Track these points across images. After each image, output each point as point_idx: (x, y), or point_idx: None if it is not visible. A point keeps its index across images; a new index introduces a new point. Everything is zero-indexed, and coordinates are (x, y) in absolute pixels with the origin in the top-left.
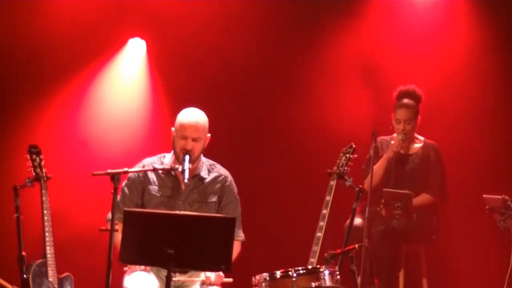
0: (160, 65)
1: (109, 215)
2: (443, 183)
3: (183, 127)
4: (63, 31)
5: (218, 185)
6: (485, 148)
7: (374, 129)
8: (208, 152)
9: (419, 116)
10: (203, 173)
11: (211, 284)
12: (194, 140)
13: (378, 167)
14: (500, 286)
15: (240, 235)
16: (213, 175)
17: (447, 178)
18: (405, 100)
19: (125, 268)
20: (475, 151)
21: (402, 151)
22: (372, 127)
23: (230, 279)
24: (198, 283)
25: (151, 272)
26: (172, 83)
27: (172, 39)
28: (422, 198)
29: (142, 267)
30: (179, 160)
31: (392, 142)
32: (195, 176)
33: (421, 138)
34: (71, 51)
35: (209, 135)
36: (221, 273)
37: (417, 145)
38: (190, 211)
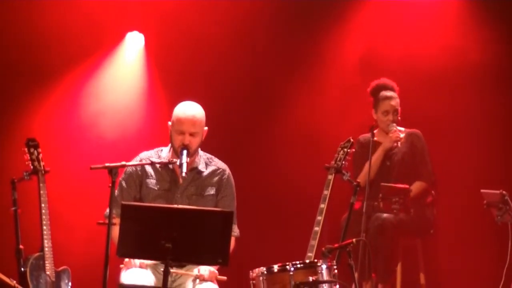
0: (158, 58)
1: (107, 211)
2: (431, 168)
3: (180, 121)
4: (61, 25)
5: (216, 178)
6: (483, 143)
7: (372, 124)
8: (206, 146)
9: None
10: (201, 167)
11: (205, 280)
12: (191, 135)
13: (375, 159)
14: (498, 280)
15: (234, 230)
16: (211, 168)
17: (432, 162)
18: (389, 92)
19: (121, 266)
20: (473, 145)
21: (399, 143)
22: (369, 122)
23: (224, 278)
24: (191, 278)
25: (147, 268)
26: (170, 77)
27: (170, 32)
28: (416, 187)
29: (138, 263)
30: (177, 154)
31: (393, 131)
32: (193, 169)
33: (402, 129)
34: (70, 45)
35: (206, 128)
36: (215, 270)
37: (401, 135)
38: (188, 203)
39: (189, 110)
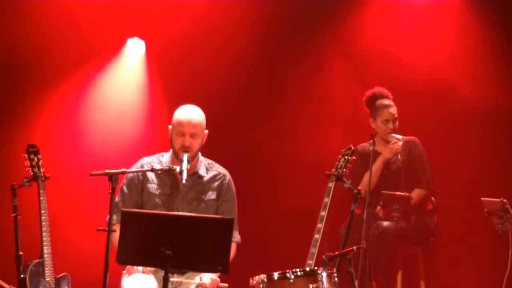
0: (159, 65)
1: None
2: (429, 175)
3: (180, 123)
4: (62, 31)
5: (216, 183)
6: (484, 151)
7: (372, 132)
8: (206, 151)
9: None
10: (201, 171)
11: None
12: (191, 136)
13: (376, 170)
14: None
15: (235, 236)
16: (211, 173)
17: (431, 170)
18: (386, 101)
19: (124, 272)
20: (474, 153)
21: (399, 154)
22: (368, 131)
23: (226, 284)
24: (193, 286)
25: (150, 273)
26: (170, 83)
27: (171, 39)
28: (415, 194)
29: (141, 269)
30: (178, 157)
31: (393, 142)
32: (194, 174)
33: (400, 136)
34: (70, 51)
35: (206, 131)
36: (217, 278)
37: (399, 144)
38: (189, 209)
39: (189, 112)
